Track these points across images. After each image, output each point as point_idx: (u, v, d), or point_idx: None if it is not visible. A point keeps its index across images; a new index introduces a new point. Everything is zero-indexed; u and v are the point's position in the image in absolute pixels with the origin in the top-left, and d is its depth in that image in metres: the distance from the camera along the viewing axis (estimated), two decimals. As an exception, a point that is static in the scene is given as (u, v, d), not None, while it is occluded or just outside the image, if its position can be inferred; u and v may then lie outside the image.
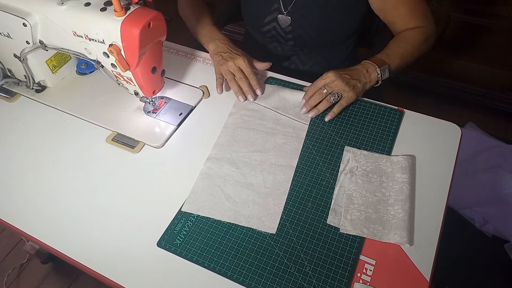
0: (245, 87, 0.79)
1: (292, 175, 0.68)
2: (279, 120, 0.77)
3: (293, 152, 0.72)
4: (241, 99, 0.80)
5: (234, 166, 0.70)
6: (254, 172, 0.69)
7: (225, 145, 0.73)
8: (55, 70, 0.86)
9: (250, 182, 0.68)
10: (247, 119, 0.78)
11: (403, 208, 0.62)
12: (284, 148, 0.73)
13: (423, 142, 0.72)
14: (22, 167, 0.73)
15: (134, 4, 0.64)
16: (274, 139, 0.74)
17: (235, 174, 0.69)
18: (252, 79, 0.80)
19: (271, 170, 0.69)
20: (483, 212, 1.35)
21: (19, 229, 0.65)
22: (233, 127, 0.76)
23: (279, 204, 0.65)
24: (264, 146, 0.73)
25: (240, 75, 0.80)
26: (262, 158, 0.71)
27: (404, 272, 0.56)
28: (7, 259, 1.39)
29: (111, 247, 0.62)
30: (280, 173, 0.69)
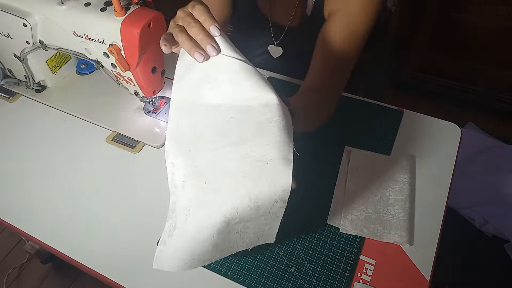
0: (199, 35, 0.48)
1: (290, 176, 0.43)
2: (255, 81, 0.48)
3: (285, 134, 0.45)
4: (200, 58, 0.48)
5: (201, 179, 0.45)
6: (233, 181, 0.44)
7: (181, 142, 0.47)
8: (55, 70, 0.86)
9: (229, 201, 0.43)
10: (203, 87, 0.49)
11: (403, 208, 0.62)
12: (269, 129, 0.45)
13: (423, 142, 0.72)
14: (22, 167, 0.73)
15: (134, 4, 0.64)
16: (253, 116, 0.46)
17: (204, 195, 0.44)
18: (200, 11, 0.49)
19: (257, 173, 0.43)
20: (483, 212, 1.35)
21: (19, 229, 0.65)
22: (187, 107, 0.49)
23: (275, 217, 0.46)
24: (241, 133, 0.46)
25: (189, 20, 0.49)
26: (240, 153, 0.44)
27: (404, 272, 0.56)
28: (7, 259, 1.39)
29: (111, 247, 0.62)
30: (271, 175, 0.43)
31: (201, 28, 0.48)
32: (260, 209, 0.44)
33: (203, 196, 0.44)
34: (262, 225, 0.46)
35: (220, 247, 0.46)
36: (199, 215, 0.44)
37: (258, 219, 0.45)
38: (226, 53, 0.48)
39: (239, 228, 0.45)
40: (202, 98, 0.49)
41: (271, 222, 0.46)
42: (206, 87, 0.49)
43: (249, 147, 0.44)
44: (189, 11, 0.50)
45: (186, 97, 0.49)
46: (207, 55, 0.49)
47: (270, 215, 0.45)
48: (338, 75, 0.69)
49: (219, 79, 0.48)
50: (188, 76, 0.49)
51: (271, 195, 0.43)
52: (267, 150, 0.43)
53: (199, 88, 0.49)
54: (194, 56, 0.48)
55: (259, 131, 0.45)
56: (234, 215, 0.43)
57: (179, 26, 0.50)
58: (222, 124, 0.46)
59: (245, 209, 0.43)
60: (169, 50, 0.50)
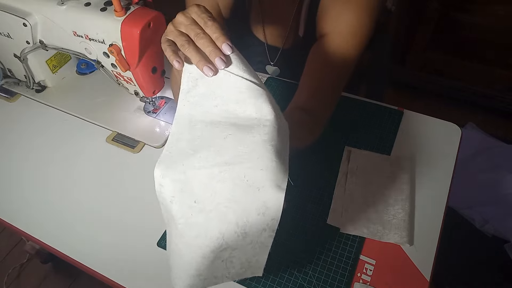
0: (208, 47, 0.46)
1: (281, 206, 0.41)
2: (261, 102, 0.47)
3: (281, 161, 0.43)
4: (209, 73, 0.46)
5: (192, 197, 0.43)
6: (222, 204, 0.42)
7: (175, 156, 0.45)
8: (55, 70, 0.86)
9: (216, 225, 0.42)
10: (208, 104, 0.48)
11: (403, 208, 0.62)
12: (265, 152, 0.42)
13: (423, 142, 0.72)
14: (22, 167, 0.73)
15: (134, 4, 0.64)
16: (250, 135, 0.44)
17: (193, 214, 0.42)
18: (213, 28, 0.47)
19: (247, 199, 0.41)
20: (483, 212, 1.35)
21: (19, 229, 0.65)
22: (190, 122, 0.47)
23: (263, 247, 0.44)
24: (236, 152, 0.43)
25: (197, 30, 0.47)
26: (232, 176, 0.42)
27: (404, 272, 0.56)
28: (7, 259, 1.39)
29: (111, 247, 0.62)
30: (261, 203, 0.41)
31: (210, 40, 0.46)
32: (247, 237, 0.42)
33: (191, 216, 0.42)
34: (249, 255, 0.44)
35: (204, 275, 0.44)
36: (186, 235, 0.43)
37: (245, 247, 0.43)
38: (234, 71, 0.47)
39: (225, 256, 0.43)
40: (206, 115, 0.47)
41: (258, 253, 0.44)
42: (212, 104, 0.47)
43: (243, 170, 0.42)
44: (191, 17, 0.48)
45: (189, 111, 0.48)
46: (216, 69, 0.47)
47: (257, 244, 0.43)
48: (328, 94, 0.68)
49: (225, 98, 0.47)
50: (194, 91, 0.48)
51: (259, 223, 0.42)
52: (261, 176, 0.41)
53: (204, 105, 0.48)
54: (202, 70, 0.46)
55: (255, 152, 0.43)
56: (220, 240, 0.42)
57: (183, 34, 0.48)
58: (219, 141, 0.44)
59: (232, 235, 0.42)
60: (182, 67, 0.48)
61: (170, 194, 0.43)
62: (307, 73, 0.69)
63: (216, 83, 0.47)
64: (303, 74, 0.69)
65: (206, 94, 0.48)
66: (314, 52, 0.69)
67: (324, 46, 0.67)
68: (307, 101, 0.66)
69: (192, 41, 0.47)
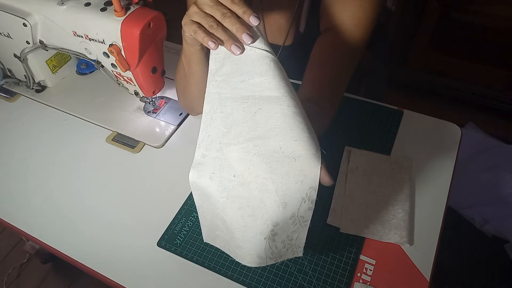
0: (235, 24, 0.48)
1: (318, 173, 0.43)
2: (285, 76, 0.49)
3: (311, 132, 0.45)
4: (237, 51, 0.49)
5: (231, 171, 0.44)
6: (261, 176, 0.43)
7: (213, 135, 0.47)
8: (55, 70, 0.86)
9: (257, 195, 0.43)
10: (235, 80, 0.49)
11: (403, 208, 0.62)
12: (297, 123, 0.45)
13: (423, 142, 0.72)
14: (22, 167, 0.73)
15: (134, 4, 0.64)
16: (279, 108, 0.46)
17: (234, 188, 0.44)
18: (240, 3, 0.48)
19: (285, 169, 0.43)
20: (483, 212, 1.35)
21: (19, 229, 0.65)
22: (219, 101, 0.48)
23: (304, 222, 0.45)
24: (268, 125, 0.45)
25: (223, 10, 0.48)
26: (268, 149, 0.44)
27: (404, 272, 0.56)
28: (7, 259, 1.39)
29: (111, 247, 0.62)
30: (299, 171, 0.43)
31: (237, 17, 0.48)
32: (287, 208, 0.43)
33: (232, 189, 0.44)
34: (290, 231, 0.45)
35: (246, 249, 0.45)
36: (229, 207, 0.44)
37: (286, 222, 0.44)
38: (258, 46, 0.49)
39: (266, 232, 0.44)
40: (234, 91, 0.49)
41: (299, 229, 0.45)
42: (238, 80, 0.49)
43: (277, 142, 0.44)
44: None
45: (218, 90, 0.49)
46: (243, 47, 0.49)
47: (298, 218, 0.44)
48: (336, 86, 0.68)
49: (250, 72, 0.49)
50: (221, 70, 0.50)
51: (298, 192, 0.43)
52: (296, 146, 0.43)
53: (231, 82, 0.49)
54: (230, 48, 0.48)
55: (287, 125, 0.45)
56: (262, 210, 0.43)
57: (209, 15, 0.49)
58: (250, 116, 0.46)
59: (273, 204, 0.43)
60: (217, 47, 0.50)
61: (210, 171, 0.45)
62: (313, 66, 0.68)
63: (242, 60, 0.49)
64: (308, 68, 0.69)
65: (232, 72, 0.49)
66: (320, 45, 0.69)
67: (330, 39, 0.67)
68: (313, 94, 0.66)
69: (219, 22, 0.49)
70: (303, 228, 0.45)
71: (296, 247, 0.47)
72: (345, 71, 0.69)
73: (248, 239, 0.45)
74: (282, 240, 0.45)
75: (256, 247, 0.45)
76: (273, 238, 0.45)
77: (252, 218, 0.43)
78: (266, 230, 0.44)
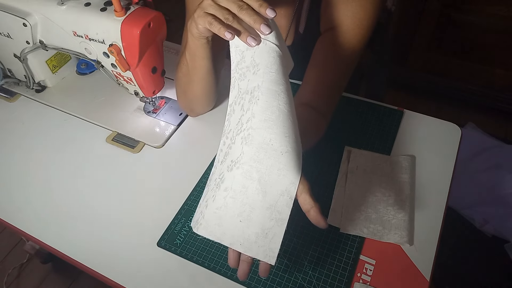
0: (252, 16, 0.48)
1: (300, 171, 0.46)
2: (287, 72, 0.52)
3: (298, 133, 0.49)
4: (253, 42, 0.49)
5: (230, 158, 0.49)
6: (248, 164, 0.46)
7: (232, 125, 0.52)
8: (55, 70, 0.86)
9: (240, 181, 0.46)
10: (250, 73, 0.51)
11: (403, 208, 0.62)
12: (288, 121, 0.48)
13: (423, 142, 0.72)
14: (22, 167, 0.73)
15: (134, 4, 0.64)
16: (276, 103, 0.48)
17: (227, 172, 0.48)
18: (263, 2, 0.49)
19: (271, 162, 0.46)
20: (483, 212, 1.35)
21: (19, 229, 0.65)
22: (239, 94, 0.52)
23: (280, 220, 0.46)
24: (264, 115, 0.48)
25: (239, 2, 0.49)
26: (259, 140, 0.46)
27: (404, 272, 0.56)
28: (7, 259, 1.39)
29: (111, 247, 0.62)
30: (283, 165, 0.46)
31: (253, 9, 0.49)
32: (266, 197, 0.45)
33: (226, 172, 0.47)
34: (266, 226, 0.46)
35: (223, 227, 0.47)
36: (219, 188, 0.47)
37: (263, 212, 0.46)
38: (271, 40, 0.51)
39: (244, 215, 0.46)
40: (248, 84, 0.51)
41: (274, 227, 0.46)
42: (252, 72, 0.51)
43: (269, 134, 0.46)
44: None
45: (239, 82, 0.52)
46: (259, 39, 0.50)
47: (275, 213, 0.46)
48: (334, 89, 0.68)
49: (262, 64, 0.50)
50: (241, 64, 0.52)
51: (279, 185, 0.45)
52: (285, 142, 0.46)
53: (247, 75, 0.52)
54: (246, 40, 0.49)
55: (280, 120, 0.47)
56: (243, 194, 0.46)
57: (224, 8, 0.50)
58: (251, 105, 0.49)
59: (253, 192, 0.45)
60: (233, 38, 0.50)
61: (223, 157, 0.50)
62: (314, 68, 0.69)
63: (256, 52, 0.51)
64: (308, 69, 0.69)
65: (248, 65, 0.52)
66: (321, 46, 0.69)
67: (331, 40, 0.67)
68: (313, 97, 0.66)
69: (235, 15, 0.50)
70: (279, 228, 0.46)
71: (269, 249, 0.47)
72: (345, 73, 0.69)
73: (226, 219, 0.47)
74: (255, 233, 0.46)
75: (230, 227, 0.47)
76: (248, 224, 0.46)
77: (232, 200, 0.46)
78: (243, 213, 0.46)
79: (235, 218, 0.46)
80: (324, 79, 0.67)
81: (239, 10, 0.49)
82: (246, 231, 0.46)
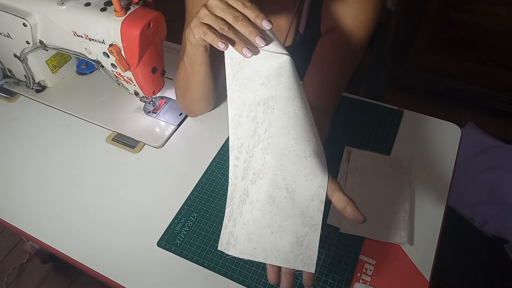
0: (248, 28, 0.47)
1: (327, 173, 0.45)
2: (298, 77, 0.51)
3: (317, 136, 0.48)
4: (248, 54, 0.48)
5: (252, 170, 0.48)
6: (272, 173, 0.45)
7: (242, 139, 0.51)
8: (55, 70, 0.86)
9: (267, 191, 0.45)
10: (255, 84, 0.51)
11: (403, 208, 0.62)
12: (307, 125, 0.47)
13: (423, 142, 0.72)
14: (22, 167, 0.73)
15: (134, 4, 0.64)
16: (291, 108, 0.48)
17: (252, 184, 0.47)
18: (252, 7, 0.48)
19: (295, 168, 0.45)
20: (483, 212, 1.35)
21: (19, 229, 0.65)
22: (243, 105, 0.52)
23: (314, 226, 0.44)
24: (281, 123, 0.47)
25: (235, 13, 0.48)
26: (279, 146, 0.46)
27: (404, 272, 0.56)
28: (7, 259, 1.39)
29: (111, 247, 0.62)
30: (309, 170, 0.45)
31: (249, 21, 0.48)
32: (296, 204, 0.44)
33: (250, 186, 0.46)
34: (300, 234, 0.44)
35: (254, 241, 0.44)
36: (245, 202, 0.46)
37: (295, 219, 0.44)
38: (273, 49, 0.49)
39: (274, 226, 0.44)
40: (256, 95, 0.50)
41: (309, 233, 0.44)
42: (258, 83, 0.50)
43: (289, 140, 0.45)
44: (226, 1, 0.49)
45: (239, 94, 0.51)
46: (256, 49, 0.49)
47: (307, 219, 0.44)
48: (335, 90, 0.68)
49: (269, 75, 0.50)
50: (239, 75, 0.51)
51: (308, 189, 0.44)
52: (307, 146, 0.45)
53: (252, 86, 0.51)
54: (242, 51, 0.48)
55: (298, 125, 0.46)
56: (271, 205, 0.44)
57: (220, 18, 0.49)
58: (267, 115, 0.48)
59: (282, 200, 0.44)
60: (227, 48, 0.49)
61: (242, 172, 0.49)
62: (314, 68, 0.68)
63: (259, 63, 0.50)
64: (309, 70, 0.69)
65: (251, 75, 0.51)
66: (322, 47, 0.69)
67: (332, 41, 0.67)
68: (315, 99, 0.65)
69: (230, 25, 0.49)
70: (314, 234, 0.44)
71: (307, 257, 0.45)
72: (346, 73, 0.69)
73: (256, 233, 0.45)
74: (290, 242, 0.44)
75: (261, 241, 0.45)
76: (281, 235, 0.44)
77: (260, 212, 0.44)
78: (274, 224, 0.44)
79: (265, 230, 0.44)
80: (325, 80, 0.67)
81: (234, 20, 0.48)
82: (280, 242, 0.44)
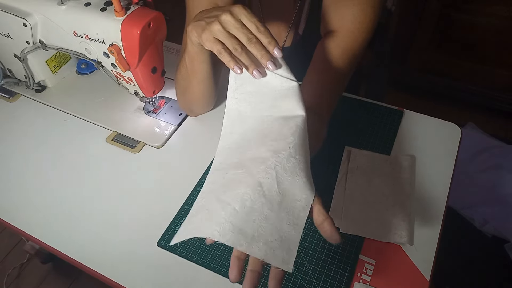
0: (260, 51, 0.48)
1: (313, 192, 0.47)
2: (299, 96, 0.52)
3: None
4: (258, 76, 0.49)
5: (241, 168, 0.49)
6: (265, 166, 0.46)
7: (233, 147, 0.52)
8: (55, 70, 0.86)
9: (259, 181, 0.45)
10: (256, 100, 0.53)
11: (403, 208, 0.62)
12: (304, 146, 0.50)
13: (423, 142, 0.72)
14: (22, 167, 0.73)
15: (134, 4, 0.64)
16: (291, 124, 0.50)
17: (239, 176, 0.47)
18: (266, 33, 0.49)
19: (290, 166, 0.46)
20: (483, 212, 1.35)
21: (19, 229, 0.65)
22: (239, 117, 0.53)
23: (296, 226, 0.44)
24: (281, 132, 0.50)
25: (249, 35, 0.49)
26: (277, 146, 0.48)
27: (404, 272, 0.56)
28: (7, 259, 1.39)
29: (111, 247, 0.62)
30: (303, 173, 0.47)
31: (261, 44, 0.49)
32: (283, 200, 0.45)
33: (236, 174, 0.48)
34: (282, 225, 0.44)
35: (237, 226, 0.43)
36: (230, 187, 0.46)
37: (279, 213, 0.44)
38: (280, 73, 0.50)
39: (257, 216, 0.43)
40: (254, 111, 0.53)
41: (291, 231, 0.44)
42: (259, 100, 0.52)
43: (289, 148, 0.47)
44: (240, 19, 0.49)
45: (238, 107, 0.53)
46: (264, 72, 0.50)
47: (292, 217, 0.44)
48: (334, 93, 0.68)
49: (271, 96, 0.52)
50: (241, 89, 0.52)
51: (297, 189, 0.45)
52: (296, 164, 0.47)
53: (252, 102, 0.53)
54: (252, 73, 0.49)
55: (299, 137, 0.49)
56: (259, 192, 0.44)
57: (234, 37, 0.49)
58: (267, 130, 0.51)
59: (271, 191, 0.45)
60: (242, 72, 0.50)
61: (224, 173, 0.50)
62: (313, 70, 0.68)
63: (262, 82, 0.51)
64: (308, 72, 0.69)
65: (253, 92, 0.52)
66: (321, 49, 0.69)
67: (331, 43, 0.67)
68: (314, 101, 0.65)
69: (244, 45, 0.49)
70: (295, 233, 0.44)
71: (285, 251, 0.44)
72: (346, 75, 0.69)
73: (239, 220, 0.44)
74: (271, 233, 0.43)
75: (244, 226, 0.43)
76: (262, 225, 0.43)
77: (250, 201, 0.44)
78: (257, 213, 0.44)
79: (250, 219, 0.43)
80: (325, 82, 0.67)
81: (248, 42, 0.49)
82: (261, 232, 0.43)
